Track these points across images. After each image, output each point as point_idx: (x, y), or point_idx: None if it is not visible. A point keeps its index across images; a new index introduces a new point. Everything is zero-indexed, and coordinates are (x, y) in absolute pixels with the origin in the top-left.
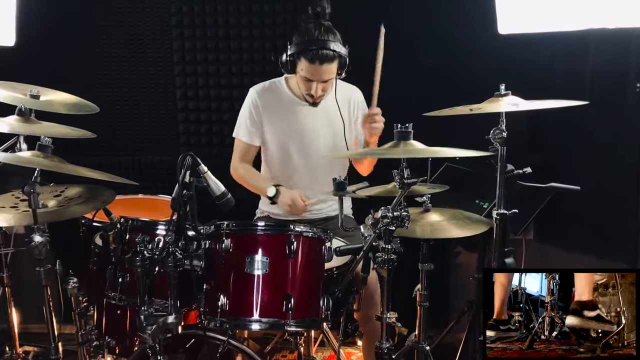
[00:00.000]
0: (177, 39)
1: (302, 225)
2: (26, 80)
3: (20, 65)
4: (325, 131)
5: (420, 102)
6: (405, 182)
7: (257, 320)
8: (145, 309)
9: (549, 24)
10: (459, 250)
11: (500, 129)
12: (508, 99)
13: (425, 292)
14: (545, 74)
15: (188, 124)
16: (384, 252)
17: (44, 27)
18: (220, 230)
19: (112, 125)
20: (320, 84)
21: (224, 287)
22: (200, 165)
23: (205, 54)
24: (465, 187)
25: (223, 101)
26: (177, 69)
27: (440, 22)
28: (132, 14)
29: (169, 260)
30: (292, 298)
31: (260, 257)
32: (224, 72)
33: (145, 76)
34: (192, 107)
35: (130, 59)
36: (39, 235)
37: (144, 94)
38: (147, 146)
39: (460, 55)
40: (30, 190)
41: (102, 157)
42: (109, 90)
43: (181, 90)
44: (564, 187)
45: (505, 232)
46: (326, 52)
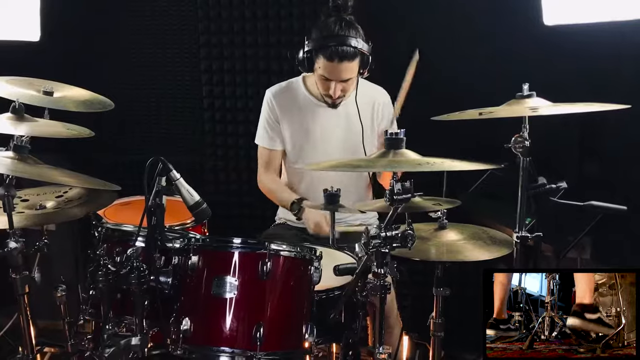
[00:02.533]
0: (204, 34)
1: (284, 244)
2: (50, 75)
3: (44, 60)
4: (343, 136)
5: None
6: (395, 198)
7: (224, 350)
8: (109, 327)
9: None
10: None
11: (522, 137)
12: (532, 101)
13: (439, 321)
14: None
15: (214, 123)
16: (375, 277)
17: (68, 22)
18: (189, 245)
19: (137, 125)
20: (339, 83)
21: (190, 310)
22: (172, 171)
23: (232, 50)
24: (508, 198)
25: (249, 100)
26: (203, 66)
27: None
28: (158, 9)
29: (132, 276)
30: (261, 327)
31: (229, 278)
32: (250, 69)
33: (172, 73)
34: (218, 105)
35: (157, 55)
36: (14, 241)
37: (170, 92)
38: (172, 146)
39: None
40: (5, 193)
41: (130, 156)
42: (132, 88)
43: (207, 87)
44: (607, 207)
45: (536, 254)
46: (346, 48)
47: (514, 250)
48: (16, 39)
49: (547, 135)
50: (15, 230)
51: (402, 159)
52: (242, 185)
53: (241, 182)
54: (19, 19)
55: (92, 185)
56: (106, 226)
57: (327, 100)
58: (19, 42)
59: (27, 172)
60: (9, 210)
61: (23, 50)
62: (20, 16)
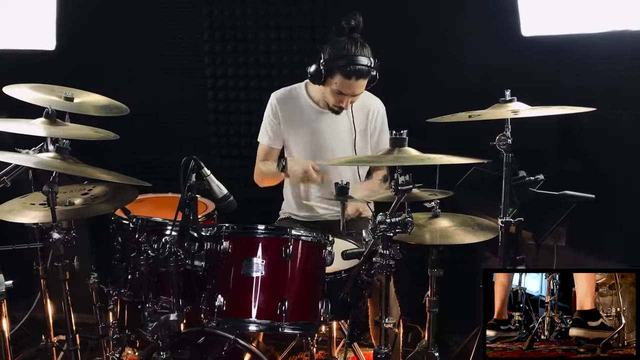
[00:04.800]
0: (208, 41)
1: (302, 229)
2: (65, 83)
3: (60, 68)
4: (339, 140)
5: (436, 106)
6: (400, 189)
7: (253, 321)
8: (150, 306)
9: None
10: (488, 256)
11: (505, 136)
12: (513, 105)
13: (434, 299)
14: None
15: (218, 125)
16: (382, 257)
17: (82, 31)
18: (220, 232)
19: (143, 126)
20: (351, 97)
21: (222, 288)
22: (203, 168)
23: (235, 56)
24: (492, 191)
25: (252, 103)
26: (208, 71)
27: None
28: (164, 16)
29: (170, 260)
30: (286, 301)
31: (258, 259)
32: (253, 74)
33: (177, 77)
34: (222, 108)
35: (163, 59)
36: (57, 232)
37: (175, 95)
38: (177, 146)
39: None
40: (49, 190)
41: (134, 156)
42: (140, 92)
43: (212, 92)
44: (578, 195)
45: (517, 240)
46: (362, 67)
47: (500, 234)
48: (33, 48)
49: (529, 134)
50: (57, 223)
51: (406, 155)
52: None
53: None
54: (36, 29)
55: (126, 181)
56: (142, 218)
57: (336, 109)
58: (35, 50)
59: (72, 170)
60: (52, 205)
61: (40, 58)
62: (37, 26)
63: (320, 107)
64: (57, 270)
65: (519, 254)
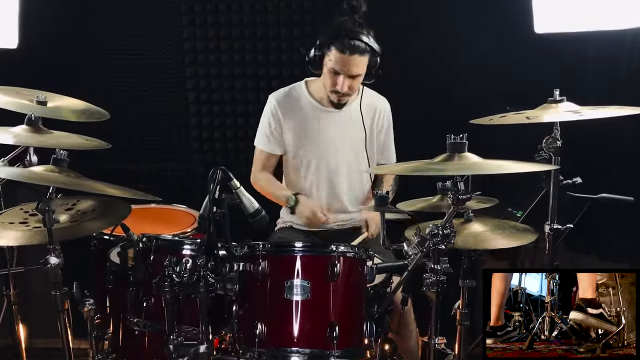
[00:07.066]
0: (189, 40)
1: (342, 245)
2: (30, 84)
3: (23, 68)
4: (346, 140)
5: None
6: (460, 198)
7: (299, 351)
8: (174, 337)
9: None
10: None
11: (554, 138)
12: (564, 105)
13: (465, 311)
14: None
15: (201, 129)
16: (433, 273)
17: (47, 28)
18: (255, 252)
19: (121, 132)
20: (347, 79)
21: (261, 314)
22: (233, 180)
23: (218, 55)
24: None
25: (237, 105)
26: (189, 72)
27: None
28: (142, 14)
29: (200, 285)
30: (336, 325)
31: (301, 281)
32: (238, 74)
33: (156, 80)
34: (205, 111)
35: (140, 61)
36: (55, 256)
37: (155, 98)
38: (158, 153)
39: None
40: (45, 207)
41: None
42: (116, 95)
43: (193, 94)
44: (617, 198)
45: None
46: (358, 42)
47: (547, 242)
48: None
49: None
50: (54, 246)
51: (470, 163)
52: None
53: None
54: None
55: (138, 196)
56: (157, 237)
57: (332, 98)
58: None
59: (80, 186)
60: (49, 225)
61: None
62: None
63: (323, 105)
64: (54, 300)
65: (555, 259)
